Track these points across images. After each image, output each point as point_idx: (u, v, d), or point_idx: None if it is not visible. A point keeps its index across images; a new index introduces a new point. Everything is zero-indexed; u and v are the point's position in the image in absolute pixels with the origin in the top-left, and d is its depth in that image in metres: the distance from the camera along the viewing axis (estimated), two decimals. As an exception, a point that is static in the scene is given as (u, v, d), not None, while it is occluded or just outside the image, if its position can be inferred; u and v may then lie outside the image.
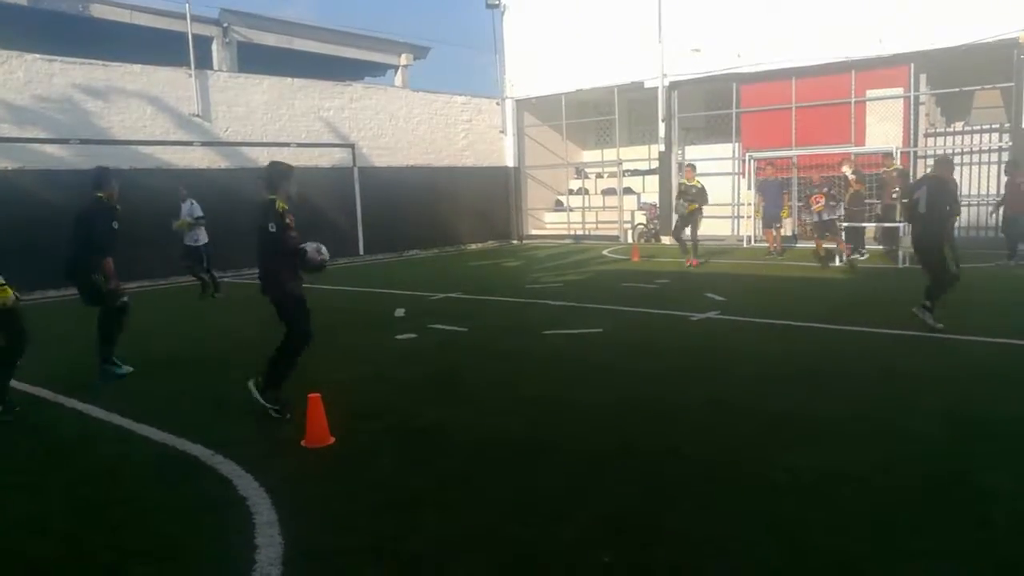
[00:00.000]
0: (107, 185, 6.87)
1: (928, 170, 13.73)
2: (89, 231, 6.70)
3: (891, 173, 13.96)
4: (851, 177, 14.25)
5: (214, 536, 3.74)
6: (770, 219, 15.47)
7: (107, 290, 6.81)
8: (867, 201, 14.74)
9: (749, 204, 18.50)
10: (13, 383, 6.15)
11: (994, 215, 13.98)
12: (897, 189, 13.34)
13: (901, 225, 14.02)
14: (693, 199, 14.02)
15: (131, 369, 7.09)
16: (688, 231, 14.29)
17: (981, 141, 16.09)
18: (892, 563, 3.22)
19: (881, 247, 14.72)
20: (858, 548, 3.34)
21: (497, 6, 22.52)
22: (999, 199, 13.80)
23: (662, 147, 20.08)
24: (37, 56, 14.02)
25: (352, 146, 18.87)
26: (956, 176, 15.74)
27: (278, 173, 5.61)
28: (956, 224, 8.01)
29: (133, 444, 5.19)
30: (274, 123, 17.43)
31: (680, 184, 15.04)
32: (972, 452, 4.45)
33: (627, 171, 21.82)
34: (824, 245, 14.08)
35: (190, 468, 4.67)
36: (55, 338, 8.74)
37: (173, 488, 4.39)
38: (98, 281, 6.78)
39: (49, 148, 14.02)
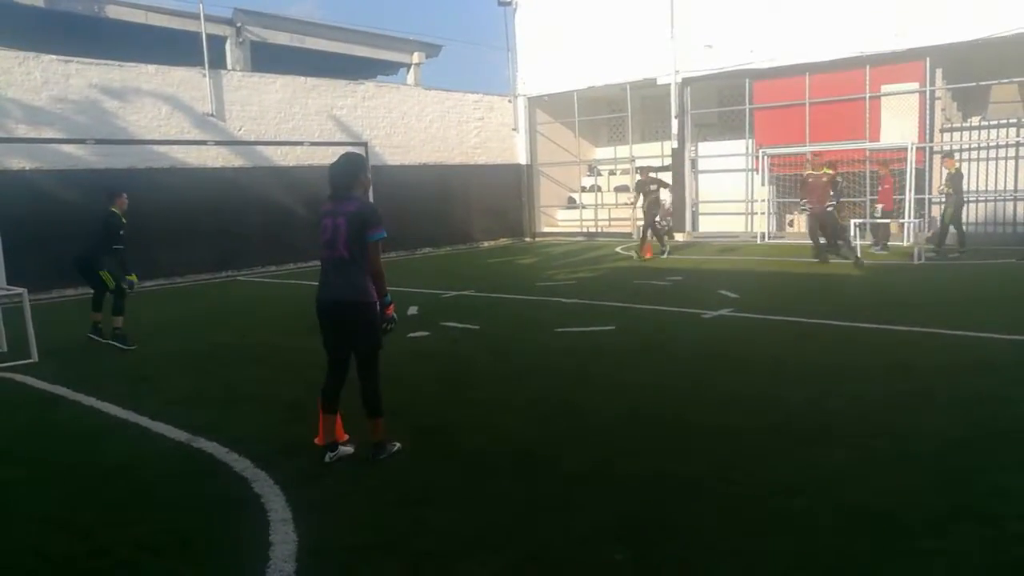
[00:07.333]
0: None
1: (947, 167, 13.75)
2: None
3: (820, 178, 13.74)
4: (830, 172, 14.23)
5: (229, 532, 3.79)
6: None
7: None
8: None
9: (762, 200, 18.42)
10: (31, 381, 6.28)
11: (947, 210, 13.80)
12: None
13: (914, 221, 13.95)
14: None
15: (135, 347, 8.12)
16: None
17: (998, 136, 15.91)
18: (900, 562, 3.21)
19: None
20: (865, 547, 3.33)
21: (509, 3, 22.46)
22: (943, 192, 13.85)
23: (675, 144, 20.01)
24: (54, 57, 14.15)
25: (365, 144, 18.82)
26: (970, 171, 15.74)
27: None
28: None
29: (149, 441, 5.25)
30: (287, 122, 17.51)
31: None
32: (984, 451, 4.41)
33: (640, 168, 21.71)
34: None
35: (205, 465, 4.72)
36: (72, 336, 8.84)
37: (188, 485, 4.44)
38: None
39: (66, 148, 14.14)
